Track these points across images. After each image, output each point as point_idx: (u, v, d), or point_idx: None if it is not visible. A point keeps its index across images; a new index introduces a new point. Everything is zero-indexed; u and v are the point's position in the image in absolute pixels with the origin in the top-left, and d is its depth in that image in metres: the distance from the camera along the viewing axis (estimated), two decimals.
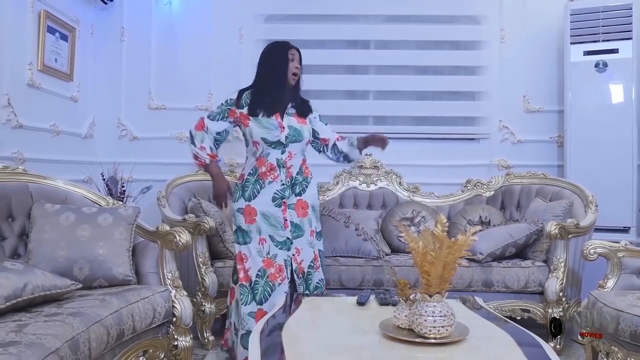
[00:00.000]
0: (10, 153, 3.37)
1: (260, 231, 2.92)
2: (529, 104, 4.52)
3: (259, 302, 2.86)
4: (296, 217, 2.99)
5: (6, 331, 1.85)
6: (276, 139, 2.93)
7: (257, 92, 2.97)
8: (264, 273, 2.89)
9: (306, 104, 3.13)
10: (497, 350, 1.96)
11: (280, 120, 2.94)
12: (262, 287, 2.88)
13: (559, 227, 3.33)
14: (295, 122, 2.99)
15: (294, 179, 3.00)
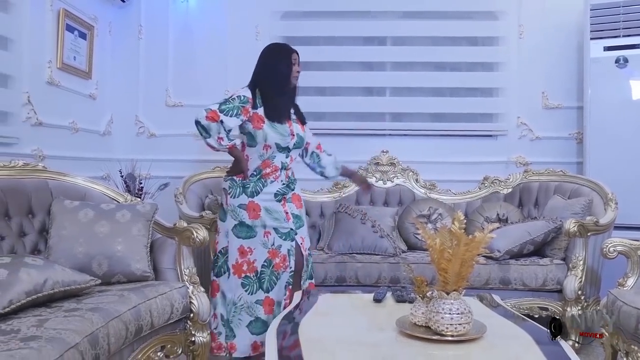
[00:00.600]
0: (30, 150, 3.41)
1: (265, 225, 2.98)
2: (547, 100, 4.47)
3: (266, 290, 2.95)
4: (295, 208, 3.11)
5: (27, 326, 1.88)
6: (286, 145, 3.02)
7: (267, 96, 2.99)
8: (269, 263, 2.97)
9: (300, 111, 3.20)
10: (515, 349, 1.95)
11: (291, 128, 3.04)
12: (268, 277, 2.96)
13: (577, 225, 3.29)
14: (299, 129, 3.10)
15: (289, 179, 3.12)
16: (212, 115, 2.86)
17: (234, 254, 2.98)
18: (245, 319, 2.96)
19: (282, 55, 3.03)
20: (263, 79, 3.03)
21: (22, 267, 2.14)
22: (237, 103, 2.90)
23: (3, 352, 1.63)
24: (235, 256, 2.98)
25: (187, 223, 2.87)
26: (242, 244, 2.98)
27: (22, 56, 3.36)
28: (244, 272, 2.96)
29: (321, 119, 4.67)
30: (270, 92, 2.99)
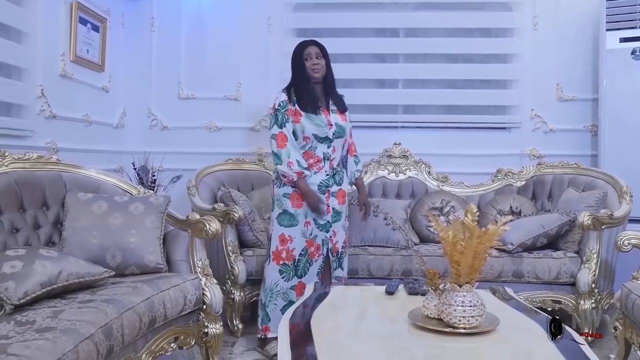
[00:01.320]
0: (44, 143, 3.43)
1: (306, 215, 3.09)
2: (562, 93, 4.43)
3: (300, 276, 3.09)
4: (337, 204, 3.19)
5: (42, 317, 1.90)
6: (325, 135, 3.09)
7: (297, 92, 3.10)
8: (306, 252, 3.10)
9: (342, 100, 3.26)
10: (528, 342, 1.94)
11: (329, 118, 3.12)
12: (303, 264, 3.09)
13: (592, 218, 3.26)
14: (340, 120, 3.17)
15: (334, 170, 3.19)
16: (280, 137, 3.03)
17: (275, 241, 3.10)
18: (280, 303, 3.09)
19: (296, 55, 3.15)
20: (292, 79, 3.17)
21: (37, 259, 2.16)
22: (282, 111, 3.06)
23: (19, 342, 1.65)
24: (276, 243, 3.10)
25: (200, 215, 2.89)
26: (283, 232, 3.09)
27: (35, 49, 3.38)
28: (282, 259, 3.08)
29: None
30: (298, 88, 3.10)
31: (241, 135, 4.55)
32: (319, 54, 3.11)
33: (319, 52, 3.11)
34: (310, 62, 3.08)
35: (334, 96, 3.21)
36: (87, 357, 1.80)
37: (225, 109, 4.57)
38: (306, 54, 3.09)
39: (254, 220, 3.64)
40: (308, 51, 3.09)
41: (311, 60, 3.08)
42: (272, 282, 3.10)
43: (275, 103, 3.11)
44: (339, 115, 3.17)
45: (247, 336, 3.45)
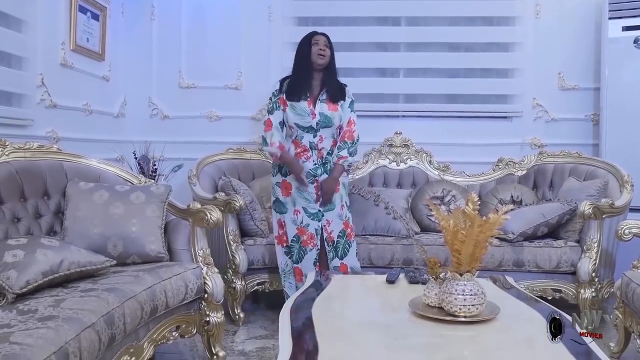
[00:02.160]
0: (44, 132, 3.43)
1: (295, 203, 3.20)
2: (564, 81, 4.41)
3: (296, 261, 3.21)
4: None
5: (44, 306, 1.91)
6: (308, 125, 3.18)
7: (291, 79, 3.23)
8: (298, 238, 3.21)
9: (341, 90, 3.28)
10: (529, 330, 1.95)
11: (312, 108, 3.18)
12: (297, 250, 3.20)
13: (592, 207, 3.26)
14: (326, 109, 3.20)
15: (325, 159, 3.24)
16: (267, 123, 3.22)
17: (275, 227, 3.28)
18: (294, 281, 3.25)
19: (304, 39, 3.25)
20: (293, 67, 3.28)
21: (39, 248, 2.16)
22: (273, 99, 3.23)
23: (21, 331, 1.66)
24: (276, 228, 3.27)
25: (201, 204, 2.89)
26: (279, 217, 3.26)
27: (35, 38, 3.37)
28: (284, 241, 3.24)
29: None
30: (293, 77, 3.23)
31: (242, 124, 4.54)
32: (327, 44, 3.21)
33: (326, 41, 3.21)
34: (317, 47, 3.17)
35: (331, 86, 3.23)
36: (89, 345, 1.81)
37: (226, 98, 4.56)
38: (315, 40, 3.19)
39: (255, 209, 3.65)
40: (317, 38, 3.20)
41: (318, 45, 3.18)
42: (282, 263, 3.27)
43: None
44: (327, 105, 3.19)
45: (248, 325, 3.46)
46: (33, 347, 1.57)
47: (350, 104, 3.30)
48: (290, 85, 3.20)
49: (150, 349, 2.37)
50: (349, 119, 3.27)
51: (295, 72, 3.24)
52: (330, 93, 3.22)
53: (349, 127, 3.27)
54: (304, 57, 3.19)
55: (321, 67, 3.19)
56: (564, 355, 1.64)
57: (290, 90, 3.19)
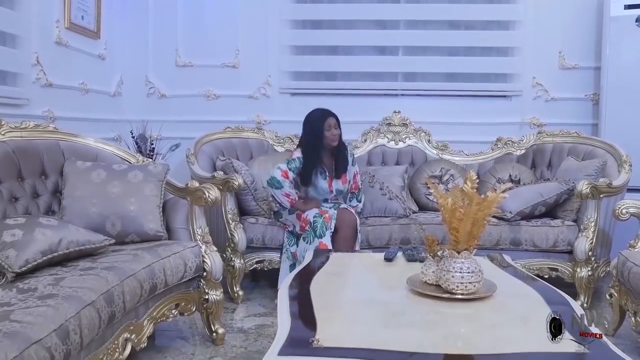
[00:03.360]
0: (40, 112, 3.41)
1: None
2: (564, 60, 4.38)
3: (319, 235, 3.26)
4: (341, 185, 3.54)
5: (44, 284, 1.92)
6: (324, 197, 3.51)
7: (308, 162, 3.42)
8: (320, 215, 3.32)
9: (345, 159, 3.54)
10: (525, 307, 1.96)
11: (331, 187, 3.49)
12: (320, 225, 3.28)
13: (590, 187, 3.27)
14: (340, 185, 3.53)
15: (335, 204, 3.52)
16: (284, 173, 3.36)
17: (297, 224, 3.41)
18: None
19: (316, 124, 3.44)
20: (307, 142, 3.47)
21: (37, 227, 2.16)
22: (297, 164, 3.41)
23: (21, 309, 1.67)
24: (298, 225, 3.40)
25: (199, 183, 2.89)
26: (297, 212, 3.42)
27: (29, 16, 3.33)
28: (302, 229, 3.35)
29: (333, 79, 4.63)
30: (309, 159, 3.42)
31: (240, 103, 4.52)
32: (336, 125, 3.44)
33: (336, 123, 3.44)
34: (329, 132, 3.41)
35: (343, 163, 3.52)
36: (89, 323, 1.82)
37: (223, 76, 4.53)
38: (327, 125, 3.41)
39: (256, 189, 3.65)
40: (329, 122, 3.41)
41: (330, 130, 3.41)
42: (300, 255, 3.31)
43: (294, 154, 3.47)
44: (340, 180, 3.51)
45: (247, 303, 3.49)
46: (33, 325, 1.58)
47: (352, 162, 3.60)
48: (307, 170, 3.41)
49: (150, 326, 2.39)
50: (354, 172, 3.60)
51: (312, 155, 3.42)
52: (338, 168, 3.51)
53: (354, 180, 3.60)
54: (317, 139, 3.41)
55: (333, 148, 3.47)
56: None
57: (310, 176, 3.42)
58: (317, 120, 3.44)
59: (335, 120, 3.46)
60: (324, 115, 3.44)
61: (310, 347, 1.52)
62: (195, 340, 2.90)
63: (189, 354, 2.70)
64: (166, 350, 2.72)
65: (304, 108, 3.60)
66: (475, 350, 1.60)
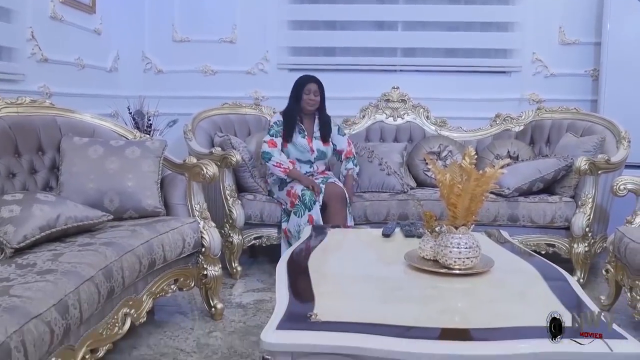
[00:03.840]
0: (36, 87, 3.38)
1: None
2: (564, 36, 4.35)
3: (309, 207, 3.33)
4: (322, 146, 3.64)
5: (42, 260, 1.92)
6: (307, 159, 3.61)
7: (287, 120, 3.58)
8: (308, 189, 3.39)
9: (328, 126, 3.67)
10: (522, 282, 1.98)
11: (311, 145, 3.60)
12: (308, 197, 3.34)
13: (588, 163, 3.27)
14: (321, 145, 3.64)
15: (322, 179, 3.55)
16: (269, 142, 3.51)
17: (286, 201, 3.47)
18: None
19: (297, 88, 3.59)
20: (288, 104, 3.63)
21: (35, 203, 2.16)
22: (275, 128, 3.56)
23: (20, 284, 1.68)
24: (288, 201, 3.44)
25: (197, 159, 2.88)
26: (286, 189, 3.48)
27: None
28: (291, 205, 3.40)
29: (332, 54, 4.60)
30: (288, 118, 3.58)
31: (237, 79, 4.49)
32: (317, 92, 3.56)
33: (317, 90, 3.56)
34: (308, 96, 3.54)
35: (323, 127, 3.65)
36: (88, 298, 1.83)
37: (220, 52, 4.49)
38: (306, 89, 3.55)
39: (254, 166, 3.65)
40: (309, 87, 3.55)
41: (309, 95, 3.55)
42: (295, 225, 3.36)
43: (271, 120, 3.68)
44: (320, 142, 3.64)
45: (245, 278, 3.51)
46: (33, 299, 1.58)
47: (339, 130, 3.74)
48: (289, 127, 3.56)
49: (149, 301, 2.41)
50: (346, 141, 3.73)
51: (290, 113, 3.58)
52: (322, 132, 3.64)
53: (349, 148, 3.72)
54: (294, 101, 3.58)
55: (310, 112, 3.61)
56: (556, 306, 1.67)
57: (291, 132, 3.56)
58: (299, 83, 3.60)
59: (318, 87, 3.57)
60: (306, 80, 3.60)
61: (309, 321, 1.53)
62: (194, 315, 2.92)
63: (188, 328, 2.72)
64: (165, 325, 2.74)
65: None
66: (472, 324, 1.62)
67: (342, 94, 3.79)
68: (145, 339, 2.57)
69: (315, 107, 3.60)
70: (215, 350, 2.46)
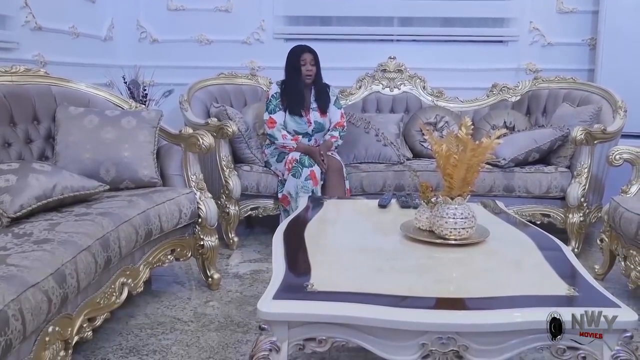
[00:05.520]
0: (31, 56, 3.34)
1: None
2: (562, 4, 4.30)
3: (309, 165, 3.34)
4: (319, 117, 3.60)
5: (39, 229, 1.92)
6: (304, 131, 3.55)
7: (285, 92, 3.53)
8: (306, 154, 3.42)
9: (325, 96, 3.61)
10: (517, 252, 1.99)
11: (309, 117, 3.55)
12: (307, 159, 3.37)
13: (585, 133, 3.26)
14: (318, 117, 3.59)
15: None
16: (269, 121, 3.49)
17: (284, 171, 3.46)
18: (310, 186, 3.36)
19: (293, 58, 3.53)
20: (285, 76, 3.57)
21: (31, 172, 2.15)
22: (274, 101, 3.51)
23: (17, 254, 1.68)
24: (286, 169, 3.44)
25: (193, 130, 2.87)
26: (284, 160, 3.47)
27: None
28: (289, 170, 3.40)
29: (327, 24, 4.54)
30: (288, 89, 3.52)
31: (233, 48, 4.44)
32: (313, 61, 3.50)
33: (312, 59, 3.50)
34: (305, 67, 3.48)
35: (320, 97, 3.59)
36: (85, 267, 1.84)
37: (216, 20, 4.43)
38: (302, 60, 3.49)
39: (250, 137, 3.63)
40: (304, 57, 3.49)
41: (305, 66, 3.48)
42: (294, 188, 3.36)
43: (269, 93, 3.57)
44: (318, 113, 3.58)
45: (242, 249, 3.53)
46: (30, 268, 1.59)
47: (336, 101, 3.66)
48: (288, 98, 3.50)
49: (146, 271, 2.42)
50: (340, 113, 3.66)
51: (288, 86, 3.52)
52: (319, 104, 3.59)
53: (341, 120, 3.66)
54: (294, 74, 3.51)
55: (309, 83, 3.54)
56: (551, 276, 1.69)
57: (289, 103, 3.50)
58: (293, 53, 3.54)
59: (313, 57, 3.51)
60: (300, 50, 3.53)
61: (305, 291, 1.55)
62: (191, 285, 2.95)
63: (185, 298, 2.74)
64: (162, 295, 2.77)
65: None
66: (467, 294, 1.64)
67: (338, 64, 3.74)
68: (143, 308, 2.59)
69: (312, 77, 3.54)
70: (212, 320, 2.49)
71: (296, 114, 3.51)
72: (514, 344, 1.46)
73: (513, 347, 1.47)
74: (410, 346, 1.46)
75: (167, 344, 2.26)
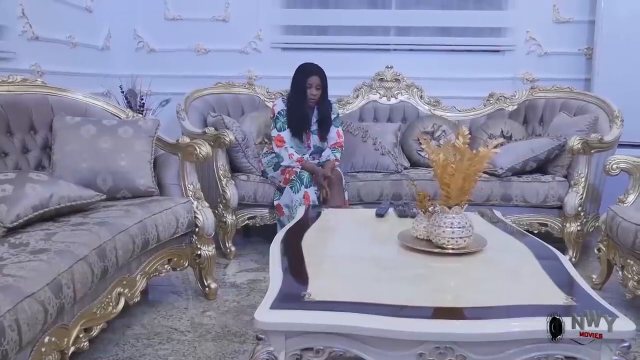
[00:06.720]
0: (28, 66, 3.34)
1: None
2: (558, 14, 4.32)
3: (306, 185, 3.30)
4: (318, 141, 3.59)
5: (36, 239, 1.92)
6: (302, 153, 3.53)
7: (289, 113, 3.48)
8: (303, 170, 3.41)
9: (327, 120, 3.57)
10: (515, 262, 1.99)
11: (309, 141, 3.56)
12: (306, 175, 3.33)
13: (582, 142, 3.27)
14: (317, 141, 3.59)
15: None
16: (277, 139, 3.47)
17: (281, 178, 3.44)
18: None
19: (299, 79, 3.46)
20: (291, 93, 3.53)
21: (28, 182, 2.15)
22: (281, 118, 3.48)
23: (14, 264, 1.67)
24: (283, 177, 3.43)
25: (190, 139, 2.87)
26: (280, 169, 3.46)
27: None
28: (286, 181, 3.38)
29: (324, 33, 4.56)
30: (292, 109, 3.47)
31: (230, 58, 4.45)
32: (319, 85, 3.43)
33: (319, 83, 3.43)
34: (310, 91, 3.42)
35: (321, 121, 3.55)
36: (81, 277, 1.83)
37: (213, 30, 4.44)
38: (309, 83, 3.42)
39: (247, 146, 3.63)
40: (310, 81, 3.42)
41: (311, 90, 3.42)
42: (290, 202, 3.33)
43: (274, 109, 3.51)
44: (318, 137, 3.57)
45: (239, 258, 3.52)
46: (26, 279, 1.58)
47: (335, 120, 3.61)
48: (291, 119, 3.47)
49: (143, 281, 2.41)
50: (337, 131, 3.62)
51: (291, 106, 3.47)
52: (320, 130, 3.56)
53: (339, 140, 3.62)
54: (299, 95, 3.45)
55: (312, 106, 3.50)
56: (548, 285, 1.69)
57: (293, 125, 3.47)
58: (301, 73, 3.48)
59: (319, 80, 3.44)
60: (307, 72, 3.46)
61: (302, 301, 1.54)
62: (188, 294, 2.94)
63: (182, 308, 2.73)
64: (159, 305, 2.75)
65: (295, 63, 3.55)
66: (464, 303, 1.63)
67: (335, 73, 3.72)
68: (139, 318, 2.58)
69: (315, 102, 3.50)
70: (209, 330, 2.48)
71: (298, 137, 3.50)
72: (511, 353, 1.46)
73: (511, 356, 1.46)
74: (408, 356, 1.46)
75: (164, 354, 2.25)
